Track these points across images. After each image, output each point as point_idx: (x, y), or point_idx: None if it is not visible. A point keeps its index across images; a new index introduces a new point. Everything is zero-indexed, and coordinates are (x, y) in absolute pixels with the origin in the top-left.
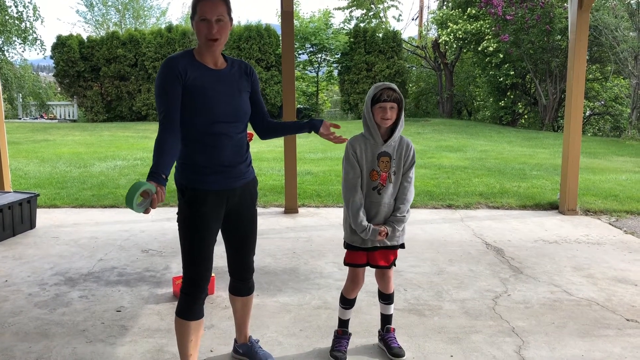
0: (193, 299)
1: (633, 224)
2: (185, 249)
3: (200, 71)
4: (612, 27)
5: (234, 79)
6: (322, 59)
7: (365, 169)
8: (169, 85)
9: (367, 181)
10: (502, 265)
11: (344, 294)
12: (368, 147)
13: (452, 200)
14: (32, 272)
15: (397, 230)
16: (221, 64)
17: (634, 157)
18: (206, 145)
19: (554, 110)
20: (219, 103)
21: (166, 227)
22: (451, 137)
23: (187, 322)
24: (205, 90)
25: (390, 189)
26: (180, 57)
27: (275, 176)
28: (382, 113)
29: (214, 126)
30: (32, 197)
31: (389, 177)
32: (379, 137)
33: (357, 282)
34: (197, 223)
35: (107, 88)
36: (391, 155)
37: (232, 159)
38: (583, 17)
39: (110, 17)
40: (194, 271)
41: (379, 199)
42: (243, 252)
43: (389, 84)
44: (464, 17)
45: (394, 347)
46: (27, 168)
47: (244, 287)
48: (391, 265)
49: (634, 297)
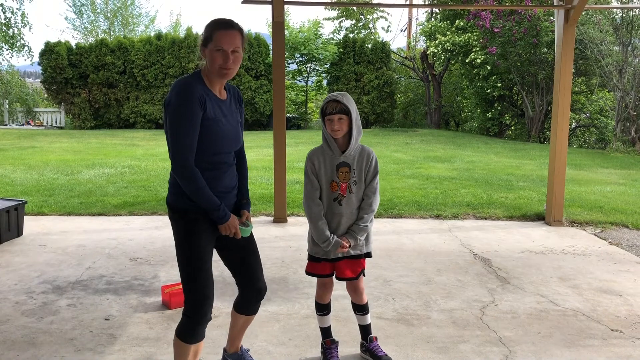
0: (196, 323)
1: (617, 235)
2: (185, 272)
3: (212, 102)
4: (597, 41)
5: (233, 109)
6: (311, 69)
7: (325, 181)
8: (194, 113)
9: (327, 192)
10: (489, 275)
11: (317, 300)
12: (327, 159)
13: (440, 211)
14: (19, 280)
15: (359, 240)
16: (223, 92)
17: (618, 169)
18: (210, 173)
19: (541, 122)
20: (226, 134)
21: (154, 236)
22: (439, 147)
23: (188, 345)
24: (217, 122)
25: (351, 200)
26: (196, 83)
27: (264, 185)
28: (331, 125)
29: (217, 156)
30: (20, 204)
31: (349, 187)
32: (336, 149)
33: (327, 287)
34: (195, 246)
35: (95, 95)
36: (350, 165)
37: (229, 184)
38: (569, 31)
39: (99, 25)
40: (196, 294)
41: (340, 210)
42: (250, 271)
43: (335, 96)
44: (452, 29)
45: (382, 356)
46: (14, 175)
47: (252, 308)
48: (359, 275)
49: (618, 307)
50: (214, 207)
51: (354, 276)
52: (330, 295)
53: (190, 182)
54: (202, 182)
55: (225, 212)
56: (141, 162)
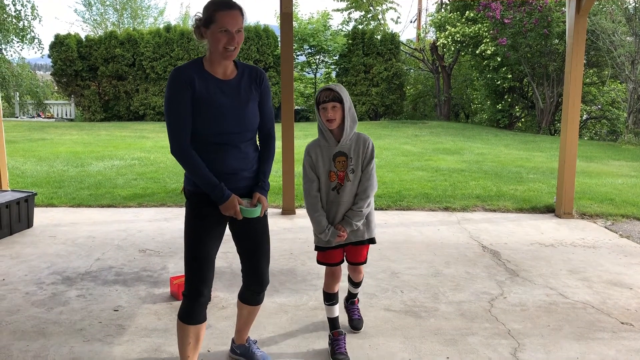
0: (193, 302)
1: (629, 228)
2: (186, 252)
3: (207, 82)
4: (609, 31)
5: (242, 89)
6: (320, 61)
7: (322, 171)
8: (180, 96)
9: (326, 182)
10: (498, 267)
11: (325, 289)
12: (323, 150)
13: (449, 203)
14: (30, 271)
15: (355, 225)
16: (231, 72)
17: (630, 162)
18: (209, 154)
19: (551, 113)
20: (225, 114)
21: (163, 227)
22: (448, 139)
23: (187, 325)
24: (211, 101)
25: (349, 187)
26: (187, 67)
27: (272, 177)
28: (324, 114)
29: (218, 136)
30: (30, 196)
31: (346, 176)
32: (331, 139)
33: (335, 276)
34: (197, 226)
35: (105, 87)
36: (347, 154)
37: (236, 166)
38: (581, 22)
39: (108, 17)
40: (194, 274)
41: (338, 198)
42: (254, 260)
43: (330, 85)
44: (462, 20)
45: (355, 319)
46: (24, 167)
47: (253, 298)
48: (364, 262)
49: (629, 300)
50: (211, 187)
51: (363, 260)
52: (338, 285)
53: (185, 164)
54: (198, 163)
55: (223, 192)
56: (150, 154)
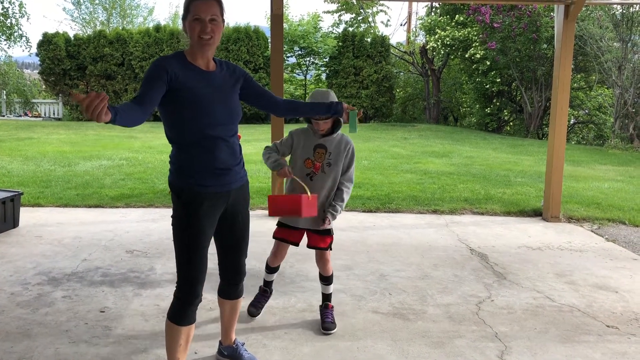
0: (186, 304)
1: (614, 232)
2: (179, 252)
3: (192, 73)
4: (597, 37)
5: (225, 80)
6: (310, 62)
7: (299, 156)
8: (154, 77)
9: (301, 167)
10: (486, 270)
11: (269, 263)
12: (307, 138)
13: (438, 206)
14: (15, 272)
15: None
16: (212, 66)
17: (616, 166)
18: (202, 149)
19: (539, 117)
20: (214, 105)
21: (151, 228)
22: (437, 142)
23: (178, 327)
24: (198, 92)
25: (322, 179)
26: (171, 57)
27: (261, 178)
28: (317, 125)
29: (209, 129)
30: (16, 195)
31: (322, 167)
32: (318, 133)
33: (279, 256)
34: (193, 225)
35: (94, 87)
36: (327, 148)
37: (228, 161)
38: (569, 27)
39: (97, 16)
40: (188, 274)
41: (310, 185)
42: (235, 255)
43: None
44: (452, 23)
45: (327, 322)
46: (11, 166)
47: (234, 291)
48: (327, 247)
49: (614, 304)
50: None
51: (325, 246)
52: (281, 261)
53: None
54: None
55: None
56: (138, 155)
